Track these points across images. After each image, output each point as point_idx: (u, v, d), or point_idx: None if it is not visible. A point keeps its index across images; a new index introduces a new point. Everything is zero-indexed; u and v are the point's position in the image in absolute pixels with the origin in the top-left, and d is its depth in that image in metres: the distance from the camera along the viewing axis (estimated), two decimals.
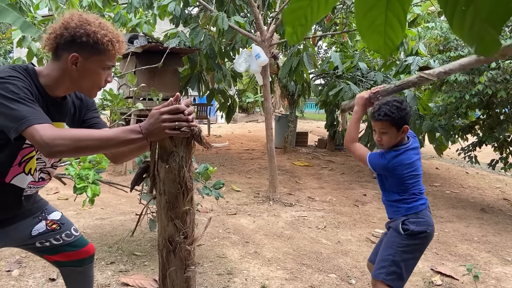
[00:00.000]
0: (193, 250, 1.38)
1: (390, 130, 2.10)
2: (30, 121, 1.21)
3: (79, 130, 1.34)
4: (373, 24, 0.58)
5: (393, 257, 2.10)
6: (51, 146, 1.18)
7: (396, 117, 2.07)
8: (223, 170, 7.02)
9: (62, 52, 1.38)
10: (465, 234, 4.40)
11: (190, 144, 1.28)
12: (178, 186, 1.28)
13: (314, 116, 20.47)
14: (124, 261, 3.13)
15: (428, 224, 2.13)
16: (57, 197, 4.96)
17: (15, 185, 1.45)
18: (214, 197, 3.07)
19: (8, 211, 1.53)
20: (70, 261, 1.78)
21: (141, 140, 1.22)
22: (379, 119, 2.12)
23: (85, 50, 1.36)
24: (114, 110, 3.25)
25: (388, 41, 0.60)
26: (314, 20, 0.61)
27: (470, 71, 5.35)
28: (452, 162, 9.02)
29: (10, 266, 2.92)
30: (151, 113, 1.21)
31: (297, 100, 9.06)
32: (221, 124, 14.37)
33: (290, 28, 0.62)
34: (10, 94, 1.24)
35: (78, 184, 2.68)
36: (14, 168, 1.42)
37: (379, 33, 0.59)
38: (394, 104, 2.10)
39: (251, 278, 2.99)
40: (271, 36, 5.37)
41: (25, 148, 1.41)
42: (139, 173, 1.33)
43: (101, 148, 1.29)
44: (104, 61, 1.40)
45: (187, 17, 7.15)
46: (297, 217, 4.64)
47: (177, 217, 1.30)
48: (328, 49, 15.11)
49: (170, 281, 1.36)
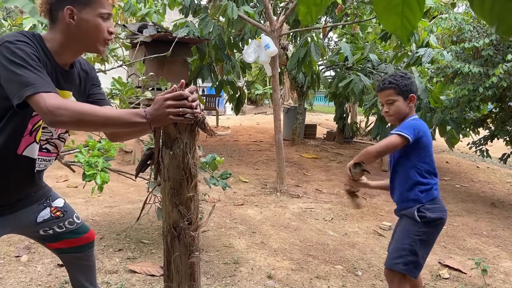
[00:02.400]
0: (197, 237, 1.38)
1: (397, 98, 2.05)
2: (36, 88, 1.20)
3: (84, 104, 1.32)
4: (390, 5, 0.56)
5: (410, 246, 2.02)
6: (54, 114, 1.18)
7: (400, 84, 2.04)
8: (231, 161, 7.03)
9: (56, 12, 1.36)
10: (474, 228, 4.35)
11: (194, 131, 1.28)
12: (182, 173, 1.27)
13: (323, 109, 20.37)
14: (131, 248, 3.16)
15: (443, 210, 2.08)
16: (66, 185, 5.01)
17: (28, 157, 1.43)
18: (221, 187, 3.06)
19: (21, 189, 1.51)
20: (71, 248, 1.78)
21: (145, 125, 1.21)
22: (384, 87, 2.08)
23: (77, 1, 1.35)
24: (123, 98, 3.25)
25: (406, 22, 0.58)
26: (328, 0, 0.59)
27: (484, 63, 5.25)
28: (462, 156, 8.92)
29: (19, 252, 2.96)
30: (155, 99, 1.20)
31: (306, 92, 9.01)
32: (230, 115, 14.36)
33: (304, 7, 0.60)
34: (18, 59, 1.23)
35: (87, 172, 2.70)
36: (26, 138, 1.40)
37: (396, 13, 0.57)
38: (398, 73, 2.09)
39: (257, 267, 3.00)
40: (281, 26, 5.33)
41: (35, 115, 1.39)
42: (144, 160, 1.33)
43: (103, 126, 1.28)
44: (98, 9, 1.37)
45: (196, 7, 7.12)
46: (304, 209, 4.63)
47: (181, 203, 1.30)
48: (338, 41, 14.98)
49: (175, 267, 1.36)
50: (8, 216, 1.51)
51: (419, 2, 0.57)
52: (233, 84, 7.84)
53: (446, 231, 4.13)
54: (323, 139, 10.11)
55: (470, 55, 5.46)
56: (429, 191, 2.06)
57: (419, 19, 0.58)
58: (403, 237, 2.07)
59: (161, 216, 3.02)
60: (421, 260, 2.04)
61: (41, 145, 1.48)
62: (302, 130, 9.38)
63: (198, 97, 1.28)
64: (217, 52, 6.90)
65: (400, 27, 0.59)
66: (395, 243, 2.13)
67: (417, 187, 2.06)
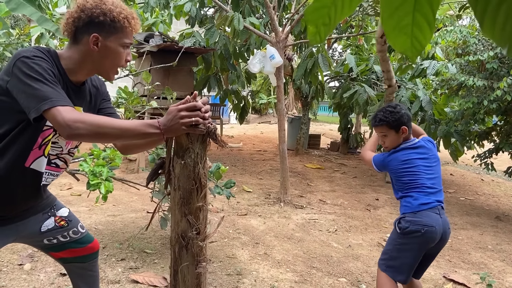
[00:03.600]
0: (205, 247, 1.37)
1: (389, 133, 2.31)
2: (53, 102, 1.21)
3: (100, 116, 1.34)
4: (400, 25, 0.56)
5: (391, 252, 2.24)
6: (72, 128, 1.19)
7: (390, 121, 2.27)
8: (234, 170, 7.02)
9: (81, 35, 1.38)
10: (479, 242, 4.31)
11: (205, 141, 1.29)
12: (193, 182, 1.28)
13: (327, 119, 20.39)
14: (134, 258, 3.14)
15: (424, 225, 2.15)
16: (70, 193, 5.01)
17: (35, 170, 1.44)
18: (226, 196, 3.06)
19: (26, 201, 1.52)
20: (75, 257, 1.77)
21: (158, 135, 1.22)
22: (376, 125, 2.36)
23: (104, 29, 1.37)
24: (128, 107, 3.27)
25: (416, 42, 0.57)
26: (337, 20, 0.59)
27: (488, 76, 5.25)
28: (467, 168, 8.88)
29: (22, 260, 2.95)
30: (169, 110, 1.21)
31: (310, 102, 9.03)
32: (234, 124, 14.39)
33: (313, 27, 0.60)
34: (35, 74, 1.25)
35: (91, 181, 2.70)
36: (35, 151, 1.41)
37: (406, 34, 0.57)
38: (388, 109, 2.30)
39: (260, 279, 2.98)
40: (286, 37, 5.36)
41: (46, 130, 1.40)
42: (155, 169, 1.33)
43: (118, 137, 1.29)
44: (123, 39, 1.40)
45: (202, 17, 7.19)
46: (308, 220, 4.61)
47: (190, 213, 1.30)
48: (343, 52, 15.05)
49: (182, 277, 1.36)
50: (11, 226, 1.51)
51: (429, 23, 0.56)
52: (238, 94, 7.87)
53: (451, 244, 4.09)
54: (327, 149, 10.10)
55: (475, 68, 5.47)
56: (410, 204, 2.22)
57: (430, 39, 0.58)
58: (388, 242, 2.31)
59: (164, 225, 3.02)
60: (403, 266, 2.19)
61: (50, 160, 1.49)
62: (306, 140, 9.38)
63: None
64: (222, 62, 6.94)
65: (409, 47, 0.58)
66: (385, 245, 2.36)
67: (402, 200, 2.29)
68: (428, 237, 2.15)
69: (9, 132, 1.35)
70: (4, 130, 1.35)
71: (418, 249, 2.18)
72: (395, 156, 2.31)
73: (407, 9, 0.54)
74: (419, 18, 0.55)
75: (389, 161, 2.33)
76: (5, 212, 1.47)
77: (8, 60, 9.19)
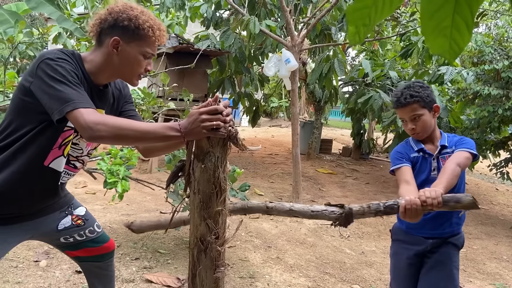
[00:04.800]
0: (223, 252, 1.37)
1: (422, 112, 1.81)
2: (75, 104, 1.23)
3: (121, 119, 1.35)
4: (439, 27, 0.56)
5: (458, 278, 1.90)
6: (94, 130, 1.20)
7: (424, 96, 1.80)
8: (246, 173, 7.02)
9: (105, 37, 1.40)
10: (494, 252, 4.25)
11: (226, 145, 1.28)
12: (213, 186, 1.28)
13: (338, 124, 20.27)
14: (148, 258, 3.16)
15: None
16: (85, 191, 5.06)
17: (53, 169, 1.46)
18: (240, 199, 3.06)
19: (44, 200, 1.54)
20: (91, 256, 1.79)
21: (179, 138, 1.22)
22: (406, 103, 1.82)
23: (126, 34, 1.38)
24: (146, 108, 3.30)
25: (454, 45, 0.57)
26: (377, 20, 0.59)
27: (504, 85, 5.19)
28: (481, 177, 8.75)
29: (38, 257, 2.99)
30: (190, 113, 1.21)
31: (323, 106, 9.00)
32: (245, 127, 14.41)
33: (353, 27, 0.60)
34: (58, 76, 1.26)
35: (109, 179, 2.73)
36: (54, 150, 1.43)
37: (444, 36, 0.56)
38: (417, 84, 1.85)
39: (273, 283, 2.97)
40: (302, 41, 5.36)
41: (66, 130, 1.42)
42: (175, 171, 1.34)
43: (139, 140, 1.30)
44: (144, 47, 1.41)
45: (218, 19, 7.22)
46: (320, 225, 4.59)
47: (209, 217, 1.30)
48: (356, 57, 14.97)
49: (200, 281, 1.36)
50: (28, 223, 1.53)
51: (468, 25, 0.56)
52: (251, 97, 7.88)
53: (465, 254, 4.04)
54: (338, 154, 10.05)
55: (491, 77, 5.41)
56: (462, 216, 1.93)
57: (468, 42, 0.58)
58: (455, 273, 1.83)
59: (179, 227, 3.03)
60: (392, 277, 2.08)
61: (70, 160, 1.51)
62: (318, 144, 9.35)
63: None
64: (237, 64, 6.96)
65: (448, 50, 0.58)
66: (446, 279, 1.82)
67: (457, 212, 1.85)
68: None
69: (31, 131, 1.37)
70: (26, 130, 1.37)
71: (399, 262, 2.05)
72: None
73: (447, 11, 0.54)
74: (458, 20, 0.54)
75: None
76: (23, 209, 1.49)
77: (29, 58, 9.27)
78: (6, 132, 1.39)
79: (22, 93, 1.34)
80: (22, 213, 1.49)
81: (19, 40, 3.23)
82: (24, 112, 1.37)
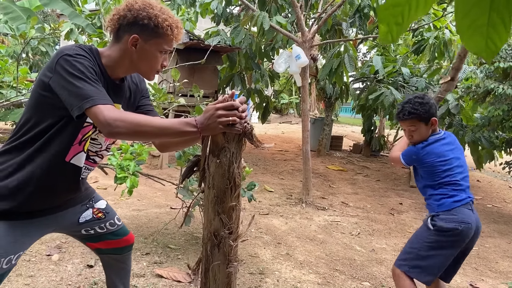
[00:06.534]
0: (236, 247, 1.37)
1: (418, 125, 2.17)
2: (94, 101, 1.24)
3: (139, 115, 1.36)
4: (474, 25, 0.54)
5: (418, 251, 2.13)
6: (112, 126, 1.22)
7: (421, 112, 2.13)
8: (256, 169, 7.02)
9: (123, 33, 1.41)
10: (506, 250, 4.19)
11: (241, 141, 1.28)
12: (227, 182, 1.28)
13: (349, 121, 20.17)
14: (158, 253, 3.17)
15: (461, 222, 2.08)
16: (96, 186, 5.10)
17: (74, 165, 1.47)
18: (247, 199, 3.07)
19: (66, 194, 1.56)
20: (111, 249, 1.83)
21: (195, 134, 1.23)
22: (405, 119, 2.19)
23: (145, 32, 1.39)
24: (156, 104, 3.30)
25: (491, 43, 0.54)
26: (411, 20, 0.56)
27: None
28: (494, 175, 8.64)
29: (50, 251, 3.03)
30: (206, 108, 1.22)
31: (334, 103, 8.94)
32: (254, 123, 14.39)
33: (385, 26, 0.58)
34: (77, 72, 1.27)
35: (119, 174, 2.74)
36: (75, 146, 1.44)
37: (480, 34, 0.54)
38: (416, 100, 2.15)
39: (283, 279, 2.96)
40: (313, 37, 5.32)
41: (86, 126, 1.44)
42: (190, 166, 1.34)
43: (157, 135, 1.31)
44: (162, 45, 1.42)
45: (228, 15, 7.21)
46: (330, 222, 4.57)
47: (223, 212, 1.30)
48: (367, 53, 14.85)
49: (212, 275, 1.36)
50: (51, 217, 1.55)
51: (505, 23, 0.53)
52: (261, 93, 7.87)
53: (477, 252, 3.99)
54: (349, 151, 9.99)
55: (501, 75, 5.33)
56: (444, 202, 2.13)
57: (505, 41, 0.56)
58: (414, 241, 2.20)
59: (189, 223, 3.04)
60: (431, 267, 2.10)
61: (89, 155, 1.53)
62: (329, 141, 9.30)
63: None
64: (247, 61, 6.94)
65: (484, 48, 0.55)
66: (406, 244, 2.25)
67: (433, 197, 2.19)
68: (464, 235, 2.09)
69: (51, 127, 1.38)
70: (46, 125, 1.38)
71: (454, 246, 2.11)
72: (430, 149, 2.16)
73: (483, 8, 0.52)
74: (495, 17, 0.52)
75: (424, 155, 2.17)
76: (46, 203, 1.51)
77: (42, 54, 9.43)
78: (25, 128, 1.41)
79: (41, 88, 1.35)
80: (45, 207, 1.52)
81: (31, 36, 3.24)
82: (43, 107, 1.38)
